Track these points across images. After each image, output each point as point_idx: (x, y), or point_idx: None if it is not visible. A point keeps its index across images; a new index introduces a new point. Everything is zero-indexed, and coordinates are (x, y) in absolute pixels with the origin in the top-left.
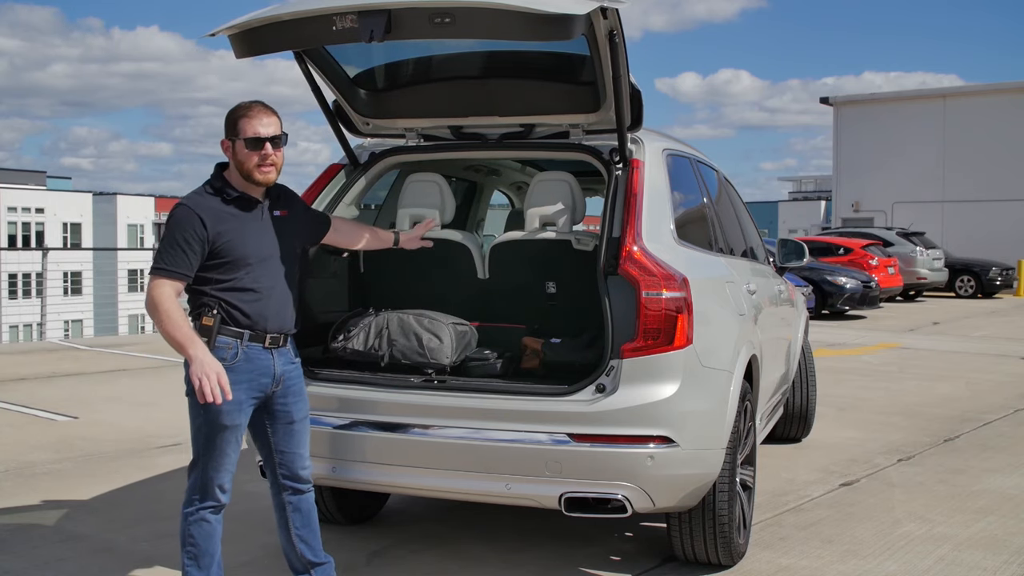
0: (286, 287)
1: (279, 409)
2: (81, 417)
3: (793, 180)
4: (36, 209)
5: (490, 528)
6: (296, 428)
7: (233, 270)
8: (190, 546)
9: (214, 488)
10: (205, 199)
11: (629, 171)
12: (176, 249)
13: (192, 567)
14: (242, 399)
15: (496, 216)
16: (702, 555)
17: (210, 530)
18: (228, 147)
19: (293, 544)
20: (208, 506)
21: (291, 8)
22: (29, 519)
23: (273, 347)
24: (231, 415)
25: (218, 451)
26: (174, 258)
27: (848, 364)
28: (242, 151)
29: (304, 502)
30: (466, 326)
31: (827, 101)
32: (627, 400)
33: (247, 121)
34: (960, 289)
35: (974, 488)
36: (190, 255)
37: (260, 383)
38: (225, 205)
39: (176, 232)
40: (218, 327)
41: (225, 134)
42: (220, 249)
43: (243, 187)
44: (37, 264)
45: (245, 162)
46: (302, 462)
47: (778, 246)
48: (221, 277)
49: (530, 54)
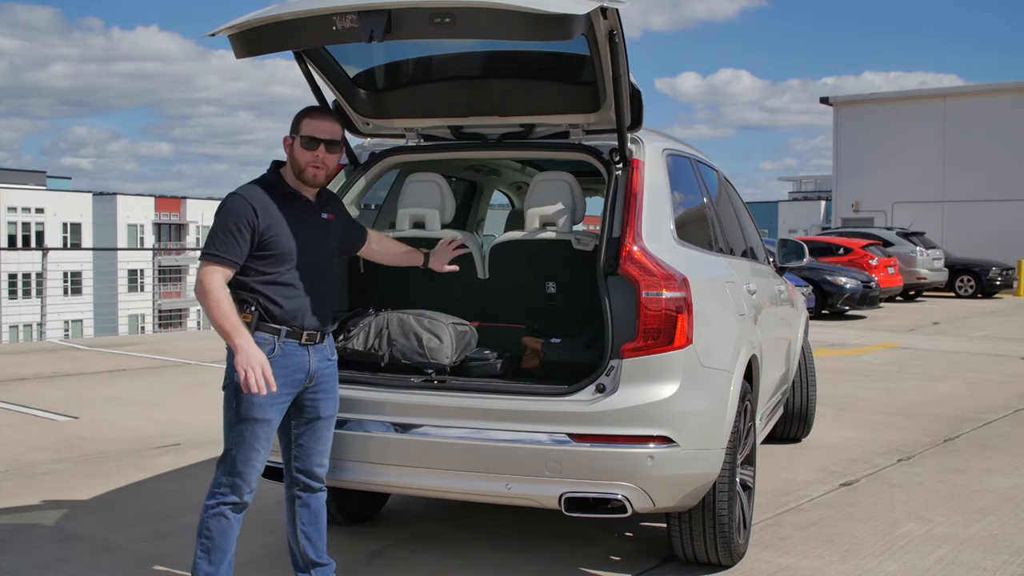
0: (325, 286)
1: (307, 404)
2: (81, 417)
3: (793, 180)
4: (36, 209)
5: (490, 528)
6: (320, 425)
7: (277, 264)
8: (205, 539)
9: (241, 484)
10: (258, 191)
11: (629, 171)
12: (228, 236)
13: (203, 560)
14: (277, 394)
15: (496, 216)
16: (702, 555)
17: (227, 526)
18: (288, 144)
19: (298, 540)
20: (230, 502)
21: (291, 8)
22: (29, 519)
23: (309, 343)
24: (264, 409)
25: (248, 445)
26: (226, 244)
27: (848, 364)
28: (298, 149)
29: (314, 500)
30: (466, 326)
31: (827, 101)
32: (627, 400)
33: (308, 122)
34: (960, 289)
35: (974, 488)
36: (241, 243)
37: (295, 379)
38: (277, 199)
39: (228, 220)
40: (256, 323)
41: (289, 131)
42: (268, 241)
43: (295, 185)
44: (37, 264)
45: (299, 159)
46: (320, 459)
47: (778, 246)
48: (265, 269)
49: (530, 54)
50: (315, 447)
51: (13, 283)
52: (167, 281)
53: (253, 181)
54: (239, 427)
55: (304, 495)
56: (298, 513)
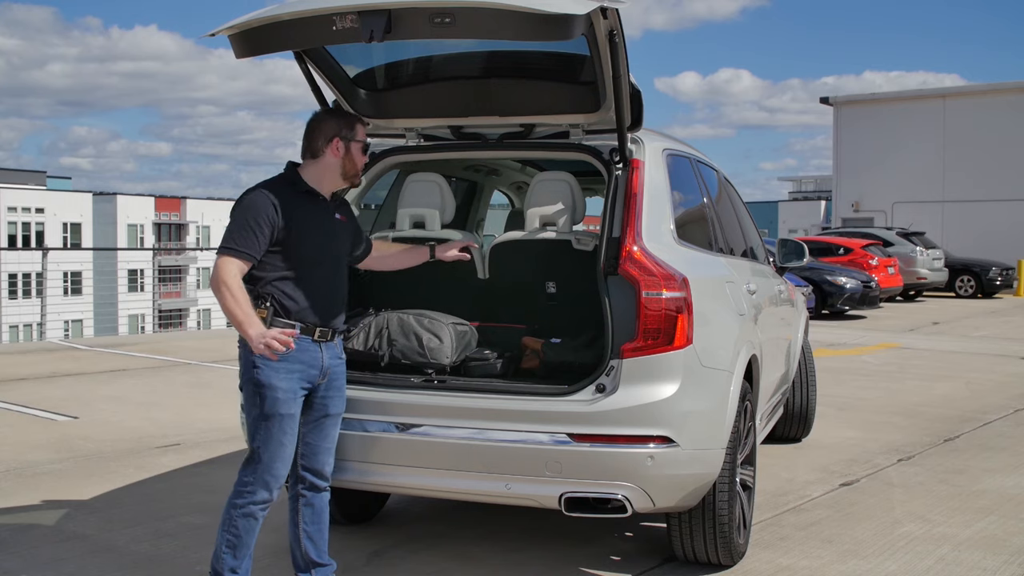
0: (338, 285)
1: (317, 401)
2: (81, 417)
3: (793, 180)
4: (36, 209)
5: (490, 528)
6: (328, 423)
7: (294, 260)
8: (232, 536)
9: (271, 480)
10: (278, 188)
11: (629, 171)
12: (248, 231)
13: (228, 555)
14: (296, 388)
15: (496, 216)
16: (702, 555)
17: (254, 525)
18: (339, 146)
19: (299, 540)
20: (261, 500)
21: (291, 8)
22: (29, 519)
23: (322, 340)
24: (287, 403)
25: (275, 441)
26: (245, 239)
27: (848, 364)
28: (358, 153)
29: (318, 499)
30: (466, 326)
31: (827, 101)
32: (627, 400)
33: (362, 128)
34: (960, 289)
35: (974, 488)
36: (260, 238)
37: (309, 374)
38: (296, 197)
39: (248, 215)
40: (271, 319)
41: (336, 133)
42: (286, 238)
43: (317, 185)
44: (37, 264)
45: (357, 163)
46: (327, 457)
47: (778, 246)
48: (281, 265)
49: (530, 54)
50: (322, 445)
51: (13, 283)
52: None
53: (271, 179)
54: (265, 424)
55: (309, 494)
56: (301, 512)
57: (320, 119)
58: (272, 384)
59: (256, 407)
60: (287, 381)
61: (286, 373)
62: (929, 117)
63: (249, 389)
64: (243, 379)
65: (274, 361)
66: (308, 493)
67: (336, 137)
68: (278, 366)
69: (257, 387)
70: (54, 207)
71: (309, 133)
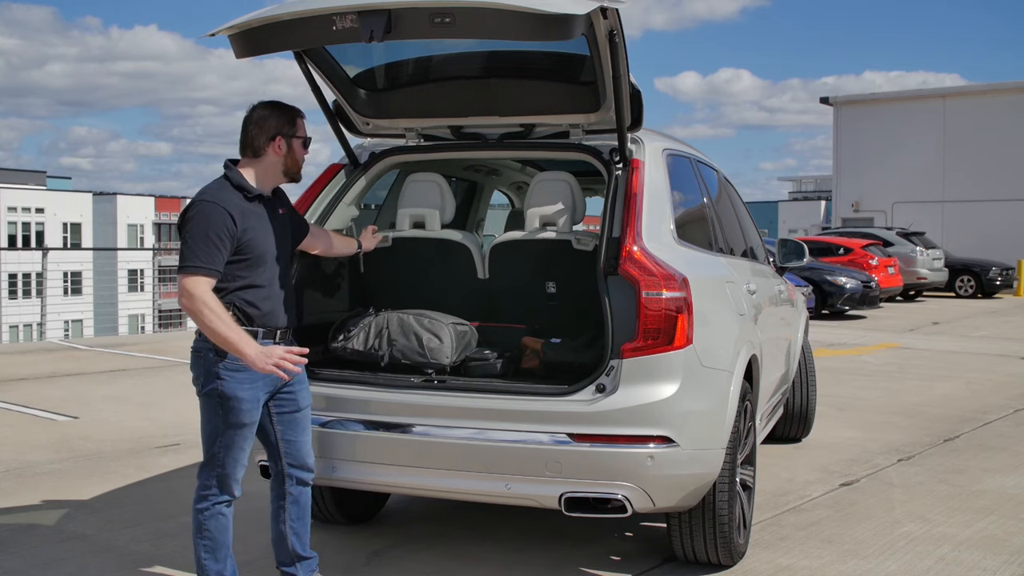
0: (289, 283)
1: (286, 397)
2: (81, 417)
3: (793, 180)
4: (36, 209)
5: (490, 528)
6: (301, 416)
7: (253, 267)
8: (207, 540)
9: (231, 483)
10: (230, 195)
11: (629, 171)
12: (210, 246)
13: (209, 560)
14: (260, 396)
15: (496, 216)
16: (702, 555)
17: (225, 523)
18: (282, 144)
19: (285, 536)
20: (224, 500)
21: (291, 8)
22: (29, 519)
23: (282, 341)
24: (251, 413)
25: (236, 447)
26: (210, 255)
27: (848, 364)
28: (299, 150)
29: (304, 495)
30: (466, 326)
31: (827, 101)
32: (627, 400)
33: (302, 122)
34: (960, 289)
35: (974, 488)
36: (223, 251)
37: (273, 378)
38: (248, 202)
39: (209, 229)
40: None
41: (277, 131)
42: (244, 246)
43: (260, 185)
44: (37, 264)
45: (299, 159)
46: (308, 449)
47: (778, 246)
48: (241, 274)
49: (530, 54)
50: (301, 439)
51: (13, 283)
52: (167, 281)
53: (217, 185)
54: (228, 433)
55: (296, 490)
56: (288, 510)
57: (260, 116)
58: (237, 396)
59: (218, 416)
60: (251, 391)
61: (250, 384)
62: (929, 117)
63: (212, 401)
64: (203, 389)
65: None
66: (296, 490)
67: (278, 135)
68: (242, 377)
69: (221, 399)
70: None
71: (249, 130)
